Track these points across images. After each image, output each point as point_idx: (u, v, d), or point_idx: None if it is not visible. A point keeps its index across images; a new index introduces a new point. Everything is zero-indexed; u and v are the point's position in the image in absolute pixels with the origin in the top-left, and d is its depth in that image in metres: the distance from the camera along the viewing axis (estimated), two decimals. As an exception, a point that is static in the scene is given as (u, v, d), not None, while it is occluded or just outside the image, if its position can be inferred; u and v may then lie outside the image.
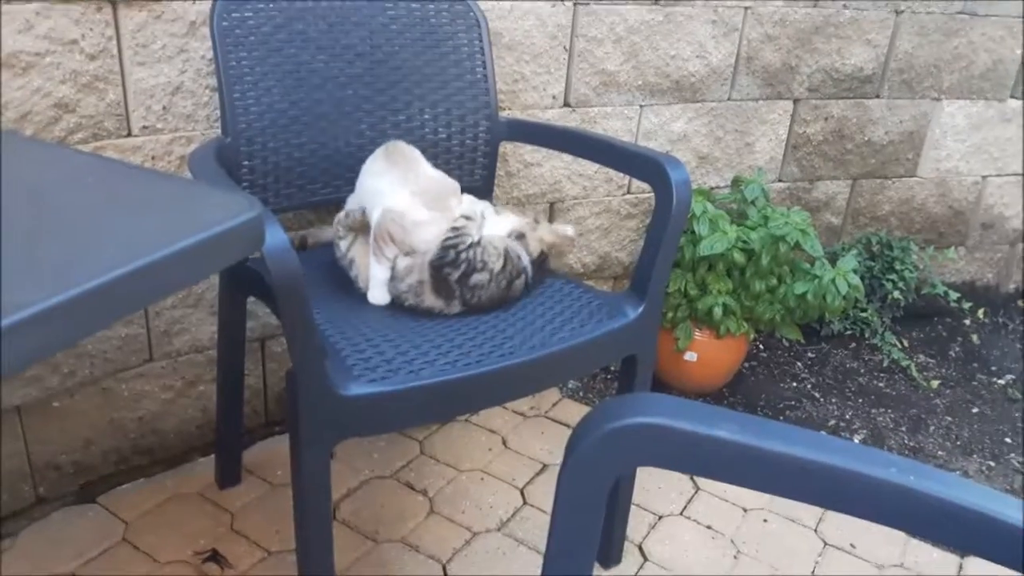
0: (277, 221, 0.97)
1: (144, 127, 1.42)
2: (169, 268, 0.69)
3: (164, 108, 1.43)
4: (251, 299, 1.47)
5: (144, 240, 0.70)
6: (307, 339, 1.02)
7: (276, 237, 0.95)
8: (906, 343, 2.38)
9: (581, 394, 2.00)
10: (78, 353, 1.44)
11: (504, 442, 1.80)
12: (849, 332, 2.36)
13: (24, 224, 0.71)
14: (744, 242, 1.84)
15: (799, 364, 2.24)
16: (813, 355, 2.29)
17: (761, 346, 2.29)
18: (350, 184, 1.49)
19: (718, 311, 1.86)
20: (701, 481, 1.73)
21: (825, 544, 1.60)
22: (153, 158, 1.45)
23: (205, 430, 1.65)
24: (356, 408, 1.07)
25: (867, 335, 2.34)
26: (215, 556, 1.42)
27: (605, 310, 1.32)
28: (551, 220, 1.97)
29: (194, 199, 0.80)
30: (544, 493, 1.66)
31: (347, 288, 1.32)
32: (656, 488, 1.70)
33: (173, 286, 0.70)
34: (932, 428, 2.02)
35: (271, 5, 1.38)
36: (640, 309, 1.31)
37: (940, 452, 1.94)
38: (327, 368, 1.05)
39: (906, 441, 1.97)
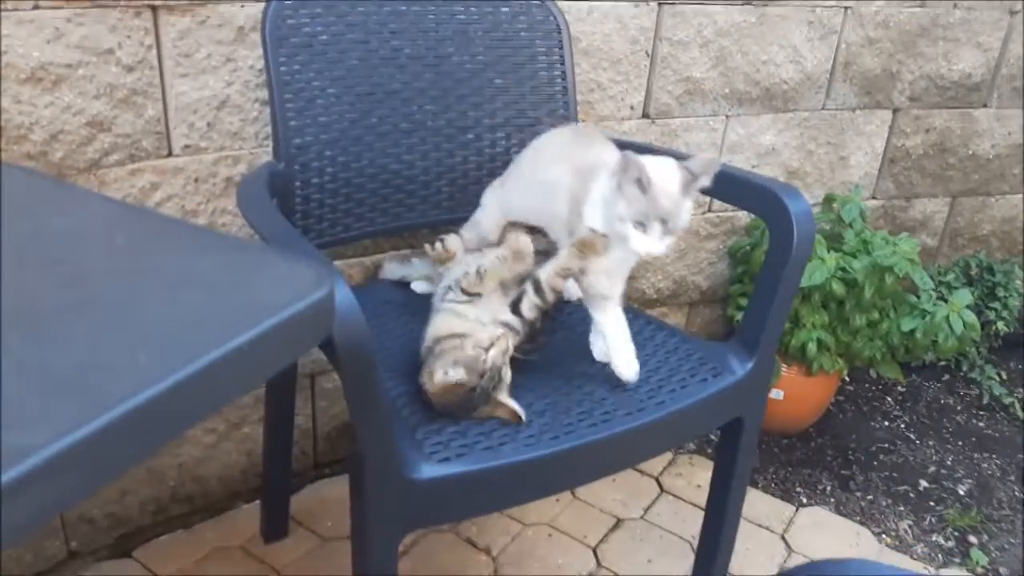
0: (344, 281, 0.81)
1: (186, 146, 1.27)
2: (222, 373, 0.53)
3: (208, 125, 1.28)
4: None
5: (187, 335, 0.54)
6: (377, 420, 0.86)
7: (345, 299, 0.79)
8: (1005, 376, 2.16)
9: (653, 432, 1.83)
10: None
11: (572, 491, 1.63)
12: (943, 363, 2.15)
13: (30, 309, 0.54)
14: (844, 271, 1.65)
15: (889, 399, 2.04)
16: (904, 389, 2.08)
17: (847, 378, 2.09)
18: (411, 212, 1.34)
19: (812, 347, 1.67)
20: (793, 540, 1.55)
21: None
22: (196, 180, 1.30)
23: (250, 475, 1.51)
24: (428, 494, 0.91)
25: (963, 367, 2.13)
26: (260, 626, 1.28)
27: (708, 366, 1.14)
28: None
29: (248, 269, 0.63)
30: (619, 553, 1.49)
31: (415, 334, 1.15)
32: (744, 549, 1.52)
33: (224, 398, 0.55)
34: (1045, 478, 1.82)
35: (330, 10, 1.22)
36: (750, 365, 1.13)
37: (1057, 507, 1.74)
38: (397, 450, 0.89)
39: (1017, 493, 1.76)
